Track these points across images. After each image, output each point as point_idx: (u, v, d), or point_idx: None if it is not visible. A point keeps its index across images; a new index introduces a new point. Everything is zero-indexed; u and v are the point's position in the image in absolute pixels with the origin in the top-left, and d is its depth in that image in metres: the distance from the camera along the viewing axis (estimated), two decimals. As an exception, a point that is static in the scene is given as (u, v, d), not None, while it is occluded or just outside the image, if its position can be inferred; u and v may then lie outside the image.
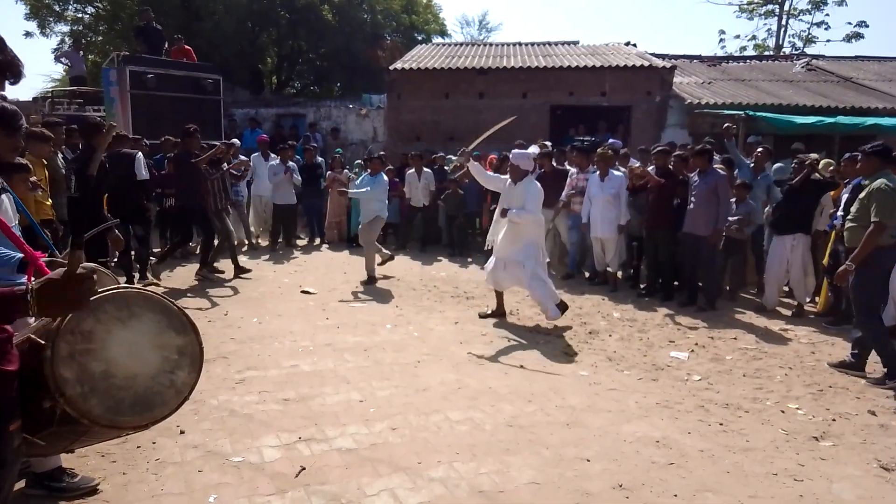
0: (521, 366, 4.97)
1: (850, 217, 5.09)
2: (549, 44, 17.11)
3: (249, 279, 7.82)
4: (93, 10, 20.27)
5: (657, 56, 14.96)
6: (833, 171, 7.36)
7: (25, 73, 1.84)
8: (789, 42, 28.57)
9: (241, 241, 10.16)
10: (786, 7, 28.21)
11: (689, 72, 15.81)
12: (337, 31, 20.12)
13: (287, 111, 16.03)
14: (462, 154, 6.55)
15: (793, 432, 3.87)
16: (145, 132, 8.53)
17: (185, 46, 13.13)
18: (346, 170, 10.80)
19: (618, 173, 7.74)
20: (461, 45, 18.57)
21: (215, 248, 8.07)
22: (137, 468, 3.20)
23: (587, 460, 3.42)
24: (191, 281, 7.60)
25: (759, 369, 5.05)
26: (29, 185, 4.75)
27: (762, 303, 6.96)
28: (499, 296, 6.45)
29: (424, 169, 10.28)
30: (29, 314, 1.63)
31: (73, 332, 1.83)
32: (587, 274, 8.41)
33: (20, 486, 2.87)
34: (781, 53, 24.08)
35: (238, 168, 8.85)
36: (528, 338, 5.76)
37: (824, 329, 6.26)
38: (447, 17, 57.77)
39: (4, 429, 1.68)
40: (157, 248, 8.73)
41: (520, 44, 17.11)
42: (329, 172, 10.73)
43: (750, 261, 7.66)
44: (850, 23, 29.79)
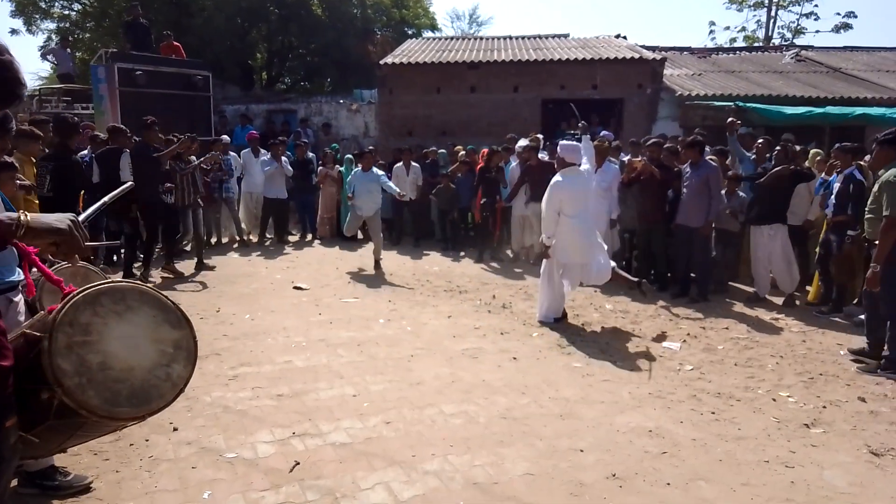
0: (514, 358, 4.98)
1: (867, 208, 5.04)
2: (540, 37, 17.10)
3: (224, 276, 7.80)
4: (80, 6, 20.10)
5: (648, 48, 14.98)
6: (821, 162, 7.43)
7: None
8: (779, 33, 28.74)
9: (231, 238, 10.16)
10: (775, -2, 28.32)
11: (679, 64, 15.83)
12: (327, 27, 20.03)
13: (278, 107, 15.95)
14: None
15: (784, 420, 3.90)
16: (135, 129, 8.49)
17: (175, 43, 13.04)
18: (337, 166, 10.78)
19: (613, 166, 7.76)
20: (452, 39, 18.55)
21: (178, 245, 8.17)
22: (131, 465, 3.19)
23: (581, 451, 3.44)
24: (183, 278, 7.57)
25: (750, 358, 5.08)
26: (17, 184, 4.72)
27: (756, 292, 6.99)
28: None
29: (412, 163, 10.27)
30: (16, 237, 1.71)
31: (72, 325, 1.84)
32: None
33: (13, 486, 2.86)
34: (771, 45, 24.15)
35: (208, 162, 8.81)
36: (521, 331, 5.77)
37: (815, 318, 6.30)
38: (437, 11, 57.66)
39: (0, 425, 1.67)
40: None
41: (510, 37, 17.09)
42: (321, 168, 10.71)
43: (745, 252, 7.69)
44: (838, 13, 30.09)
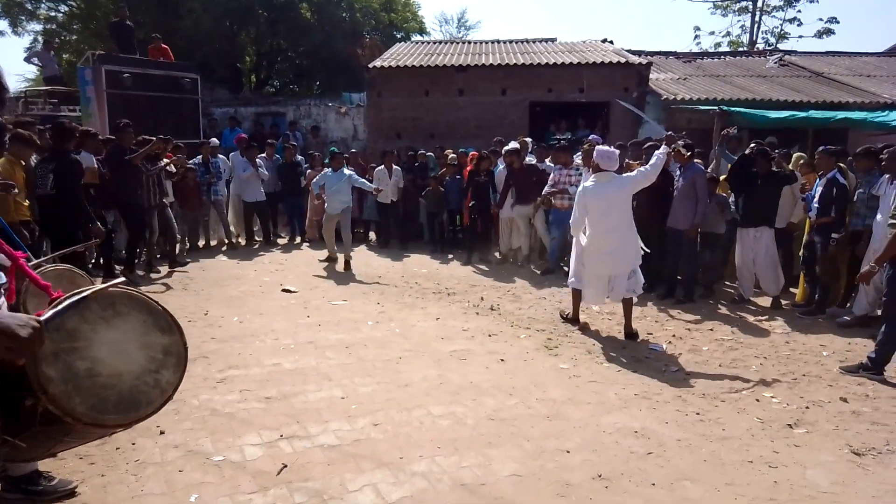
0: (502, 360, 5.00)
1: (891, 215, 5.27)
2: (528, 41, 17.18)
3: (212, 279, 7.77)
4: (66, 8, 19.94)
5: (634, 53, 15.08)
6: (804, 164, 7.52)
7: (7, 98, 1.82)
8: (762, 38, 29.03)
9: (220, 240, 10.13)
10: (759, 4, 28.63)
11: (665, 68, 15.96)
12: (316, 30, 20.02)
13: (267, 110, 15.92)
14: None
15: (768, 420, 3.94)
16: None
17: (163, 45, 12.97)
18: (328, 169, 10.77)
19: None
20: (440, 42, 18.58)
21: (149, 246, 8.22)
22: (117, 469, 3.17)
23: (568, 452, 3.46)
24: (170, 280, 7.53)
25: (735, 359, 5.13)
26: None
27: (740, 293, 7.06)
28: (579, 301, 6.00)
29: (394, 166, 10.30)
30: None
31: (58, 330, 1.82)
32: (567, 268, 8.46)
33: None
34: (755, 49, 24.37)
35: (179, 164, 8.80)
36: (509, 332, 5.80)
37: (799, 319, 6.38)
38: (426, 14, 57.74)
39: None
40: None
41: (498, 41, 17.15)
42: (309, 171, 10.69)
43: (731, 254, 7.76)
44: (821, 19, 30.31)
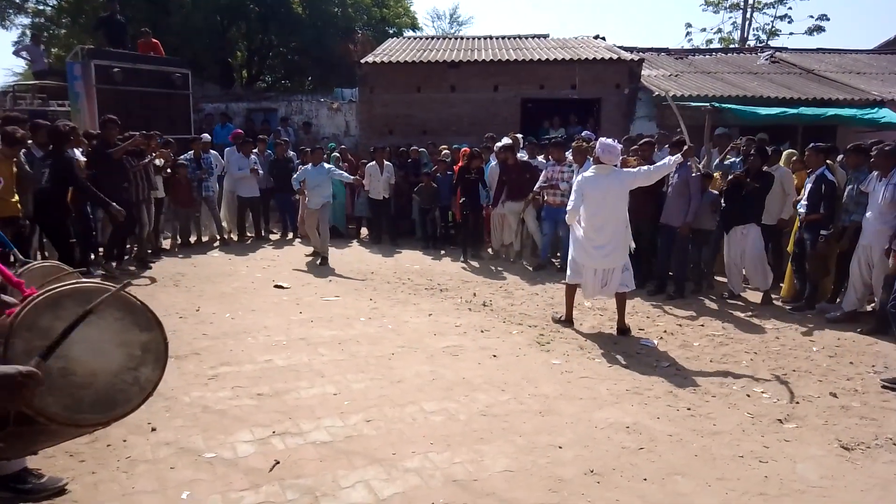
0: (494, 356, 5.01)
1: None
2: (520, 37, 17.17)
3: (204, 275, 7.74)
4: (55, 2, 19.75)
5: (626, 49, 15.11)
6: (796, 161, 7.55)
7: None
8: (754, 35, 29.19)
9: (212, 237, 10.08)
10: (750, 1, 28.74)
11: (656, 65, 15.99)
12: (308, 25, 19.91)
13: (258, 105, 15.82)
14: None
15: (758, 415, 3.97)
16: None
17: (153, 40, 12.86)
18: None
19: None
20: (432, 38, 18.54)
21: (142, 242, 8.27)
22: (108, 467, 3.16)
23: (560, 447, 3.48)
24: (162, 276, 7.50)
25: (725, 355, 5.17)
26: None
27: (731, 289, 7.10)
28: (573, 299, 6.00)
29: (386, 162, 10.28)
30: None
31: (31, 329, 1.78)
32: (558, 264, 8.50)
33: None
34: (746, 46, 24.50)
35: (165, 158, 8.81)
36: (501, 328, 5.81)
37: (789, 315, 6.42)
38: (418, 10, 57.68)
39: None
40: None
41: (490, 37, 17.14)
42: (301, 167, 10.64)
43: (721, 251, 7.79)
44: (811, 16, 30.56)
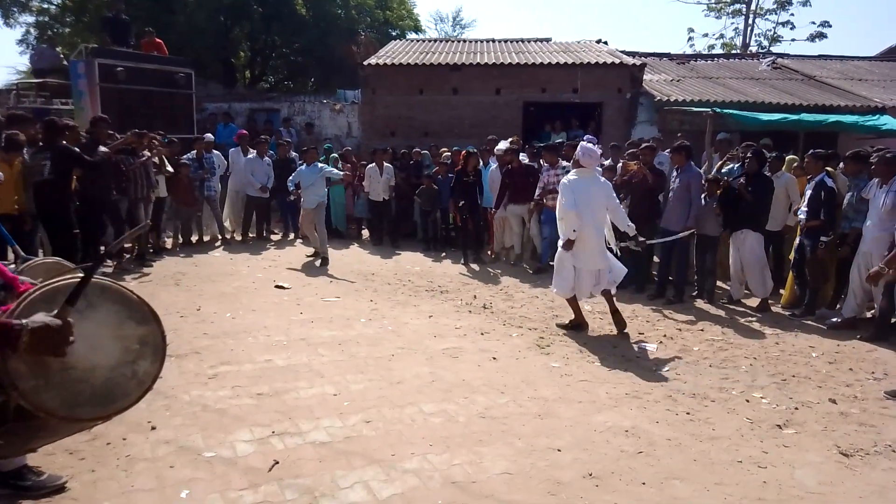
0: (494, 358, 5.01)
1: None
2: (522, 41, 17.20)
3: (205, 275, 7.75)
4: (59, 0, 19.79)
5: (628, 54, 15.12)
6: (797, 168, 7.56)
7: None
8: (756, 41, 29.24)
9: (213, 236, 10.09)
10: (752, 6, 28.82)
11: (658, 69, 16.01)
12: (311, 26, 19.96)
13: (261, 106, 15.85)
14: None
15: (757, 421, 3.97)
16: (116, 127, 8.40)
17: (157, 39, 12.88)
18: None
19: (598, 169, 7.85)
20: (435, 41, 18.58)
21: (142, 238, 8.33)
22: (107, 465, 3.16)
23: (558, 450, 3.48)
24: (163, 275, 7.51)
25: (725, 360, 5.17)
26: None
27: (730, 294, 7.10)
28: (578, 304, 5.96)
29: (386, 164, 10.31)
30: (15, 348, 1.68)
31: None
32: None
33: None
34: (748, 52, 24.53)
35: (158, 154, 8.79)
36: (500, 331, 5.81)
37: (789, 321, 6.42)
38: (421, 13, 57.79)
39: None
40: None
41: (493, 40, 17.17)
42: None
43: (721, 256, 7.78)
44: (814, 23, 30.50)
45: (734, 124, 10.01)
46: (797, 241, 6.74)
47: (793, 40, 32.11)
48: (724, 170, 7.96)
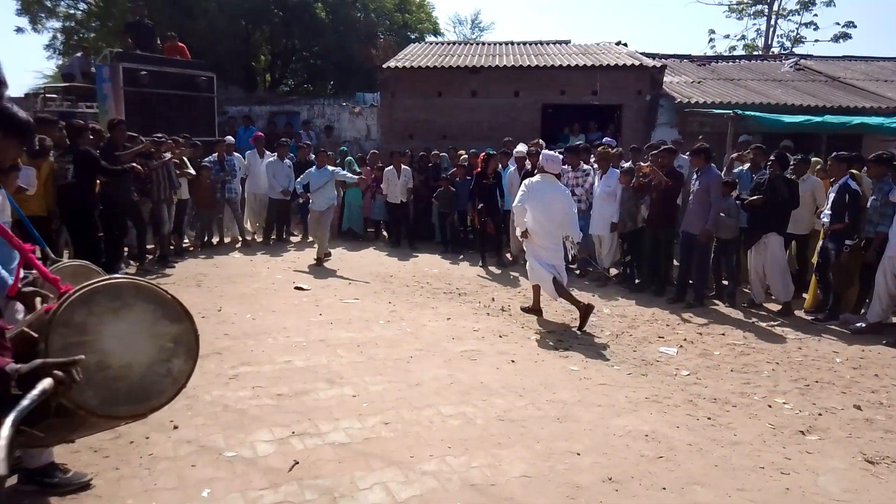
0: (512, 361, 5.01)
1: None
2: (541, 43, 17.15)
3: (226, 276, 7.82)
4: (85, 5, 20.13)
5: (648, 55, 15.03)
6: (819, 170, 7.45)
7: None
8: (778, 42, 28.85)
9: (234, 238, 10.20)
10: (775, 7, 28.46)
11: (679, 71, 15.89)
12: (330, 30, 20.10)
13: (281, 109, 15.99)
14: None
15: (780, 426, 3.93)
16: (139, 129, 8.54)
17: (179, 44, 13.06)
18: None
19: (617, 171, 7.82)
20: (454, 44, 18.58)
21: (165, 238, 8.49)
22: (130, 463, 3.21)
23: (577, 454, 3.47)
24: (184, 276, 7.60)
25: (746, 364, 5.11)
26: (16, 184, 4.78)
27: (751, 298, 7.02)
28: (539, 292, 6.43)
29: (403, 167, 10.34)
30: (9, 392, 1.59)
31: (67, 325, 1.82)
32: (577, 271, 8.47)
33: (12, 483, 2.87)
34: (770, 53, 24.23)
35: (182, 156, 8.95)
36: (519, 333, 5.80)
37: (811, 325, 6.33)
38: (440, 16, 57.79)
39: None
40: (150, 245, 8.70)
41: (512, 43, 17.15)
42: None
43: (742, 259, 7.71)
44: (838, 23, 30.10)
45: (756, 127, 9.91)
46: (820, 244, 6.64)
47: (816, 41, 31.80)
48: (734, 170, 7.89)
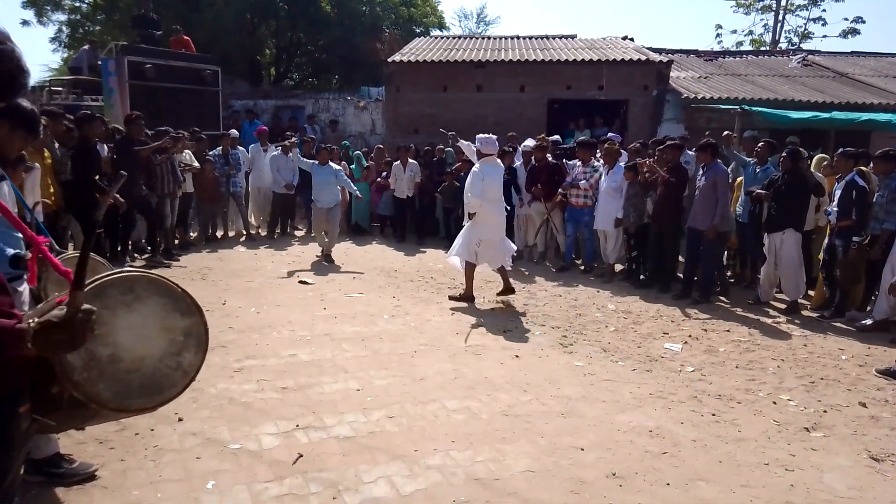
0: (516, 356, 5.01)
1: None
2: (547, 37, 17.09)
3: (230, 270, 7.84)
4: (90, -1, 20.19)
5: (654, 50, 14.97)
6: (826, 167, 7.41)
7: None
8: (786, 37, 28.73)
9: (238, 232, 10.22)
10: (782, 2, 28.28)
11: (685, 66, 15.82)
12: (336, 24, 20.09)
13: (286, 103, 15.99)
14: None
15: (784, 423, 3.92)
16: (145, 123, 8.56)
17: (184, 37, 13.07)
18: (344, 162, 10.81)
19: (622, 166, 7.80)
20: (459, 38, 18.55)
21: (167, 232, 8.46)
22: (136, 455, 3.22)
23: (582, 449, 3.47)
24: (189, 270, 7.62)
25: (751, 361, 5.10)
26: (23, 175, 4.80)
27: (757, 295, 6.99)
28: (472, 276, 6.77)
29: (410, 161, 10.33)
30: (22, 351, 1.50)
31: None
32: (582, 266, 8.46)
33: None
34: (778, 49, 24.12)
35: (186, 149, 8.95)
36: (523, 328, 5.80)
37: (817, 322, 6.31)
38: (445, 10, 57.77)
39: (14, 412, 1.67)
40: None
41: (517, 37, 17.09)
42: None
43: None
44: (846, 18, 29.82)
45: (763, 122, 9.86)
46: (826, 241, 6.61)
47: (824, 37, 31.79)
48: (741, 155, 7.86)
